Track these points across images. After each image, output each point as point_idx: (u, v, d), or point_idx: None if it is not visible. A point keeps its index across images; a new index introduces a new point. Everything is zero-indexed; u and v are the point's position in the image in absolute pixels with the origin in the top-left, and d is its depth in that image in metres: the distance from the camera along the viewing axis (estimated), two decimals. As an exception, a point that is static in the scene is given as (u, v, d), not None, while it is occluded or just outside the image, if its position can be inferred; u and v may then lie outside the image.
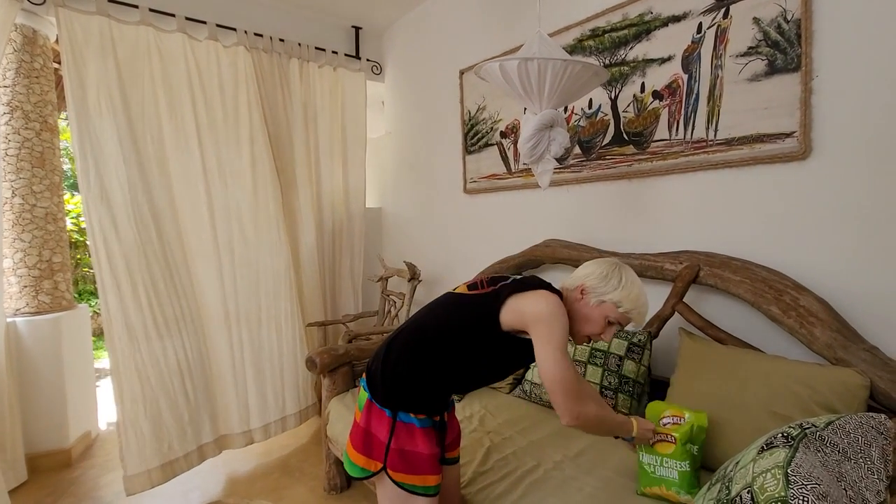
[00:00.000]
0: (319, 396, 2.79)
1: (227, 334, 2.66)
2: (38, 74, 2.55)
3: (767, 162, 1.64)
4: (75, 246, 5.49)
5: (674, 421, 1.39)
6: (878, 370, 1.30)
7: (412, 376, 1.24)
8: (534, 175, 1.87)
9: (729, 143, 1.73)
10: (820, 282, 1.53)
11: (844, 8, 1.46)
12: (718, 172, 1.78)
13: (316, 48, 3.12)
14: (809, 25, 1.52)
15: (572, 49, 2.20)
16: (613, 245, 2.11)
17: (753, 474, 0.85)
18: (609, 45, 2.08)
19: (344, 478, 2.25)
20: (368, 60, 3.46)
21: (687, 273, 1.76)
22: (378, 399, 1.26)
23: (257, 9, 2.98)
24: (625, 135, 2.06)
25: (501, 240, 2.67)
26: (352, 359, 2.28)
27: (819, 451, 0.86)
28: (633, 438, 1.34)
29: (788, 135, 1.58)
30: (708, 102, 1.78)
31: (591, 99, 2.17)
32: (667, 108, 1.90)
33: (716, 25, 1.74)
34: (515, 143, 2.56)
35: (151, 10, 2.49)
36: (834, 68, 1.49)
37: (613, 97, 2.09)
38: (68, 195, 5.53)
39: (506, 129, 2.62)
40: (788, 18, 1.56)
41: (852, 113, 1.46)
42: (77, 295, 5.64)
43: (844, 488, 0.81)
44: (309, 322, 3.05)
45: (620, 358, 1.81)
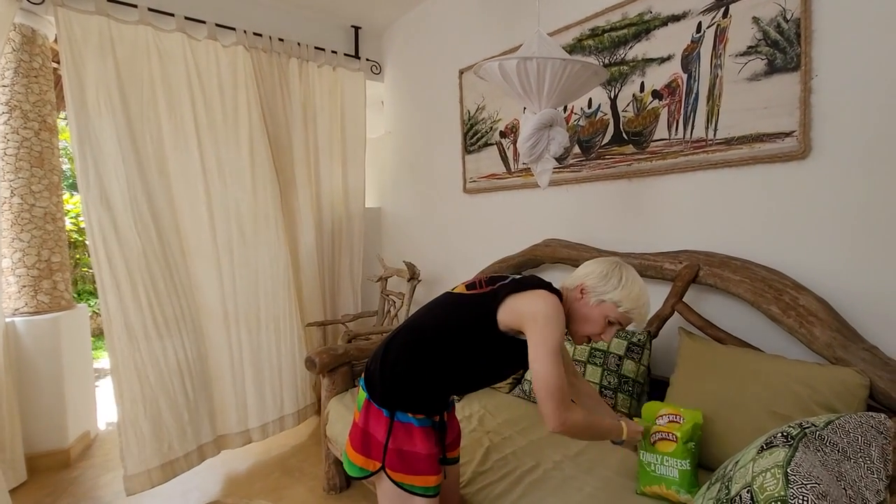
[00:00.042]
0: (319, 396, 2.79)
1: (226, 334, 2.66)
2: (37, 74, 2.55)
3: (767, 161, 1.64)
4: (74, 246, 5.48)
5: (670, 419, 1.39)
6: (878, 370, 1.30)
7: (410, 376, 1.24)
8: (533, 175, 1.86)
9: (728, 143, 1.73)
10: (819, 281, 1.53)
11: (844, 7, 1.46)
12: (718, 172, 1.78)
13: (315, 48, 3.12)
14: (809, 25, 1.52)
15: (572, 48, 2.20)
16: (613, 244, 2.11)
17: (753, 474, 0.85)
18: (608, 45, 2.08)
19: (343, 478, 2.25)
20: (368, 60, 3.46)
21: (686, 273, 1.76)
22: (376, 399, 1.26)
23: (257, 8, 2.98)
24: (624, 134, 2.06)
25: (501, 239, 2.67)
26: (351, 359, 2.28)
27: (819, 451, 0.86)
28: (623, 442, 1.33)
29: (788, 134, 1.58)
30: (707, 102, 1.78)
31: (591, 98, 2.17)
32: (666, 108, 1.90)
33: (715, 25, 1.74)
34: (515, 143, 2.56)
35: (150, 10, 2.49)
36: (833, 68, 1.49)
37: (613, 97, 2.09)
38: (67, 195, 5.52)
39: (505, 129, 2.62)
40: (788, 18, 1.56)
41: (852, 112, 1.46)
42: (76, 295, 5.64)
43: (844, 488, 0.81)
44: (308, 322, 3.05)
45: (620, 357, 1.81)
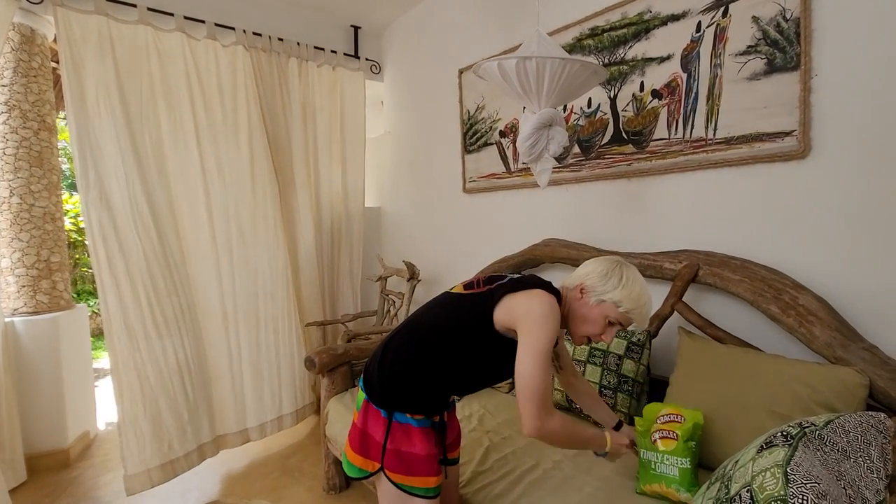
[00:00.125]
0: (318, 396, 2.79)
1: (225, 334, 2.66)
2: (37, 73, 2.54)
3: (766, 161, 1.64)
4: (74, 246, 5.48)
5: (671, 419, 1.39)
6: (878, 369, 1.30)
7: (408, 376, 1.23)
8: (533, 174, 1.86)
9: (728, 142, 1.73)
10: (819, 281, 1.53)
11: (844, 6, 1.46)
12: (717, 171, 1.78)
13: (315, 47, 3.12)
14: (808, 24, 1.52)
15: (571, 48, 2.20)
16: (613, 244, 2.11)
17: (753, 473, 0.85)
18: (608, 44, 2.08)
19: (343, 477, 2.25)
20: (367, 60, 3.46)
21: (686, 272, 1.76)
22: (374, 399, 1.25)
23: (256, 8, 2.98)
24: (624, 134, 2.05)
25: (501, 239, 2.67)
26: (351, 358, 2.28)
27: (818, 450, 0.86)
28: (606, 454, 1.30)
29: (787, 134, 1.58)
30: (707, 101, 1.78)
31: (590, 98, 2.17)
32: (666, 107, 1.90)
33: (715, 24, 1.74)
34: (514, 143, 2.56)
35: (150, 10, 2.49)
36: (833, 67, 1.49)
37: (612, 96, 2.09)
38: (66, 195, 5.52)
39: (505, 129, 2.62)
40: (787, 17, 1.56)
41: (851, 112, 1.46)
42: (76, 295, 5.63)
43: (844, 487, 0.81)
44: (308, 322, 3.05)
45: (619, 357, 1.81)
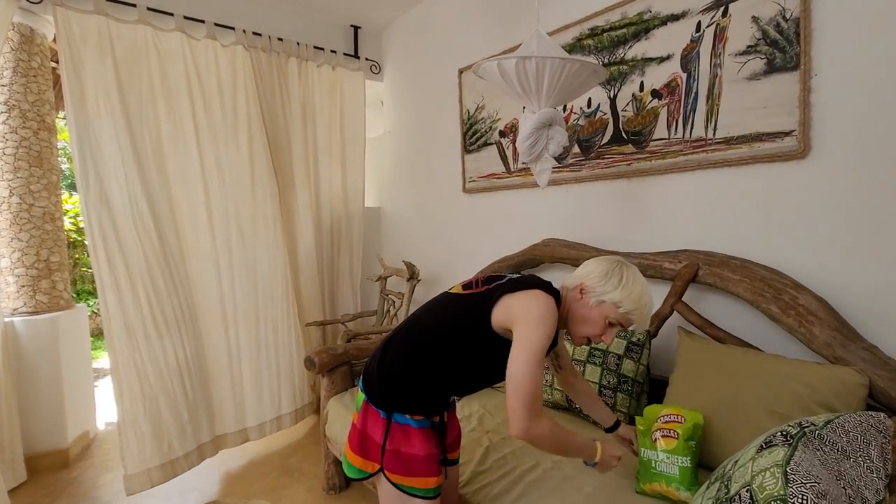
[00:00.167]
0: (318, 396, 2.79)
1: (225, 334, 2.66)
2: (36, 73, 2.54)
3: (766, 161, 1.64)
4: (73, 245, 5.48)
5: (671, 419, 1.39)
6: (878, 369, 1.30)
7: (407, 377, 1.23)
8: (533, 174, 1.86)
9: (728, 142, 1.73)
10: (819, 280, 1.53)
11: (844, 6, 1.46)
12: (717, 171, 1.78)
13: (315, 47, 3.12)
14: (808, 24, 1.52)
15: (571, 48, 2.20)
16: (612, 244, 2.11)
17: (752, 473, 0.84)
18: (608, 44, 2.08)
19: (342, 477, 2.24)
20: (367, 60, 3.46)
21: (686, 272, 1.76)
22: (373, 400, 1.25)
23: (256, 8, 2.98)
24: (624, 134, 2.05)
25: (500, 239, 2.67)
26: (350, 358, 2.28)
27: (818, 450, 0.86)
28: (596, 464, 1.25)
29: (787, 134, 1.58)
30: (707, 101, 1.78)
31: (590, 98, 2.17)
32: (666, 107, 1.90)
33: (715, 24, 1.74)
34: (514, 143, 2.56)
35: (149, 9, 2.48)
36: (833, 67, 1.49)
37: (612, 96, 2.09)
38: (66, 195, 5.52)
39: (505, 129, 2.62)
40: (787, 17, 1.56)
41: (851, 112, 1.46)
42: (75, 295, 5.63)
43: (843, 487, 0.81)
44: (308, 322, 3.05)
45: (619, 357, 1.81)
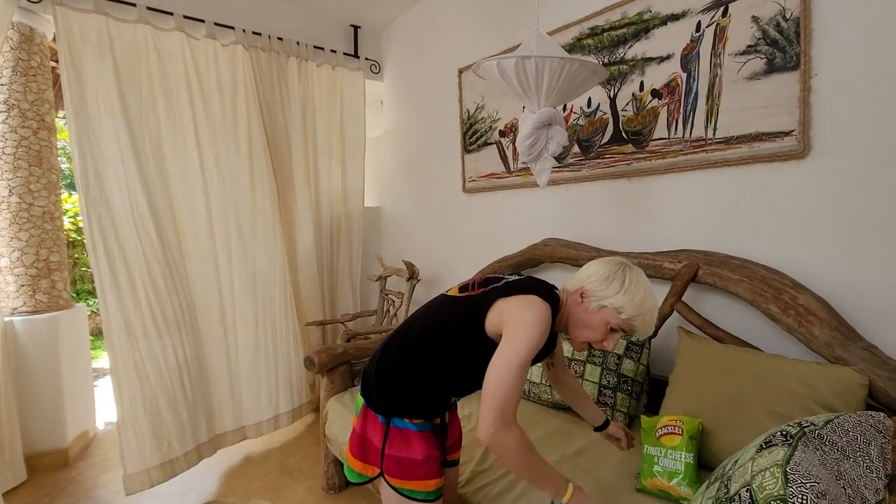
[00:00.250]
0: (318, 395, 2.79)
1: (223, 333, 2.66)
2: (36, 73, 2.54)
3: (766, 161, 1.64)
4: (73, 245, 5.47)
5: (670, 430, 1.40)
6: (877, 369, 1.30)
7: (405, 381, 1.22)
8: (532, 174, 1.86)
9: (728, 142, 1.73)
10: (819, 280, 1.53)
11: (843, 6, 1.46)
12: (717, 171, 1.78)
13: (314, 47, 3.12)
14: (808, 24, 1.52)
15: (571, 47, 2.20)
16: (612, 244, 2.11)
17: (752, 473, 0.84)
18: (608, 44, 2.08)
19: (342, 477, 2.24)
20: (367, 59, 3.46)
21: (686, 272, 1.76)
22: (372, 405, 1.24)
23: (256, 7, 2.97)
24: (624, 133, 2.05)
25: (500, 239, 2.66)
26: (350, 358, 2.28)
27: (818, 450, 0.86)
28: None
29: (787, 133, 1.58)
30: (707, 101, 1.78)
31: (590, 98, 2.17)
32: (666, 107, 1.90)
33: (715, 24, 1.74)
34: (514, 142, 2.56)
35: (149, 9, 2.48)
36: (833, 67, 1.49)
37: (612, 96, 2.08)
38: (65, 194, 5.51)
39: (505, 128, 2.62)
40: (787, 17, 1.56)
41: (851, 111, 1.46)
42: (75, 294, 5.63)
43: (843, 487, 0.81)
44: (307, 321, 3.05)
45: (619, 357, 1.81)
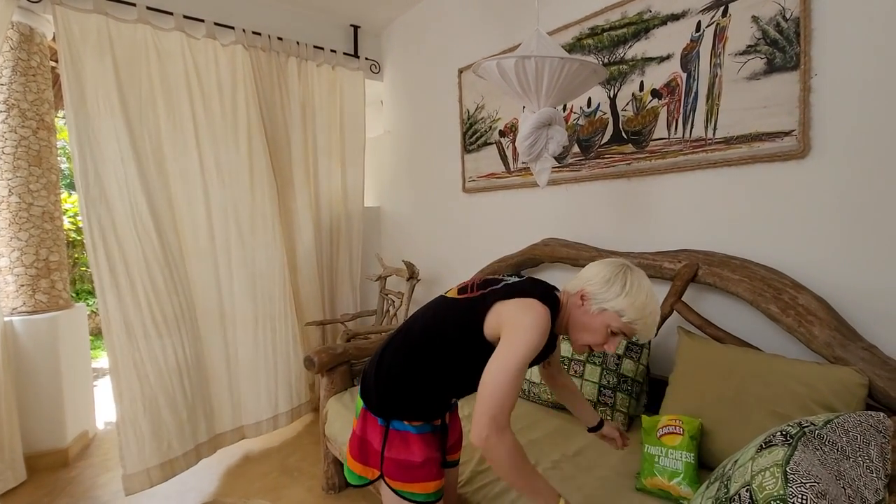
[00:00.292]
0: (318, 395, 2.78)
1: (222, 334, 2.66)
2: (35, 73, 2.54)
3: (766, 161, 1.64)
4: (73, 245, 5.47)
5: (670, 430, 1.40)
6: (877, 368, 1.30)
7: (404, 384, 1.21)
8: (532, 174, 1.86)
9: (728, 142, 1.73)
10: (818, 280, 1.53)
11: (843, 6, 1.46)
12: (717, 171, 1.78)
13: (314, 47, 3.11)
14: (808, 24, 1.52)
15: (571, 47, 2.20)
16: (612, 244, 2.11)
17: (752, 473, 0.84)
18: (608, 44, 2.08)
19: (342, 477, 2.24)
20: (367, 59, 3.46)
21: (686, 272, 1.76)
22: (371, 408, 1.24)
23: (256, 7, 2.97)
24: (623, 133, 2.05)
25: (500, 239, 2.66)
26: (350, 358, 2.28)
27: (818, 450, 0.86)
28: None
29: (787, 133, 1.58)
30: (707, 101, 1.78)
31: (590, 97, 2.17)
32: (666, 107, 1.90)
33: (714, 24, 1.74)
34: (514, 142, 2.56)
35: (149, 9, 2.48)
36: (833, 67, 1.49)
37: (612, 96, 2.08)
38: (65, 194, 5.51)
39: (505, 128, 2.62)
40: (787, 17, 1.56)
41: (851, 111, 1.46)
42: (75, 294, 5.62)
43: (843, 486, 0.81)
44: (307, 321, 3.04)
45: (619, 356, 1.81)
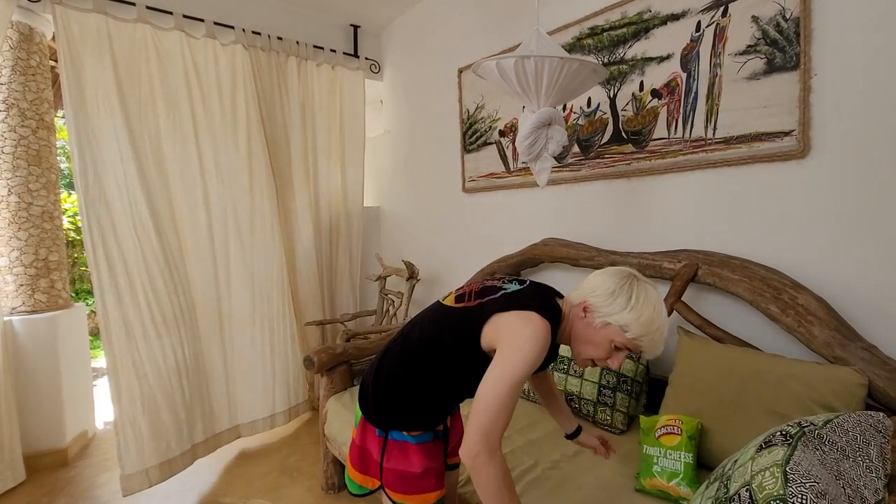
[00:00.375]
0: (317, 395, 2.78)
1: (221, 333, 2.66)
2: (35, 72, 2.54)
3: (766, 161, 1.64)
4: (72, 245, 5.46)
5: (669, 430, 1.40)
6: (877, 368, 1.30)
7: (402, 395, 1.18)
8: (532, 174, 1.86)
9: (727, 142, 1.73)
10: (818, 280, 1.53)
11: (843, 6, 1.46)
12: (717, 171, 1.78)
13: (314, 46, 3.11)
14: (808, 24, 1.52)
15: (571, 47, 2.20)
16: (612, 244, 2.11)
17: (752, 472, 0.84)
18: (608, 44, 2.08)
19: (342, 477, 2.24)
20: (367, 59, 3.45)
21: (685, 272, 1.76)
22: (369, 418, 1.22)
23: (255, 7, 2.97)
24: (623, 133, 2.05)
25: (500, 238, 2.66)
26: (350, 357, 2.28)
27: (818, 450, 0.86)
28: None
29: (787, 133, 1.58)
30: (707, 101, 1.78)
31: (590, 97, 2.17)
32: (665, 107, 1.90)
33: (714, 24, 1.74)
34: (514, 142, 2.56)
35: (149, 8, 2.48)
36: (833, 67, 1.49)
37: (612, 96, 2.08)
38: (64, 194, 5.51)
39: (504, 128, 2.61)
40: (787, 17, 1.56)
41: (851, 111, 1.46)
42: (74, 294, 5.62)
43: (843, 486, 0.81)
44: (307, 321, 3.04)
45: (619, 357, 1.81)
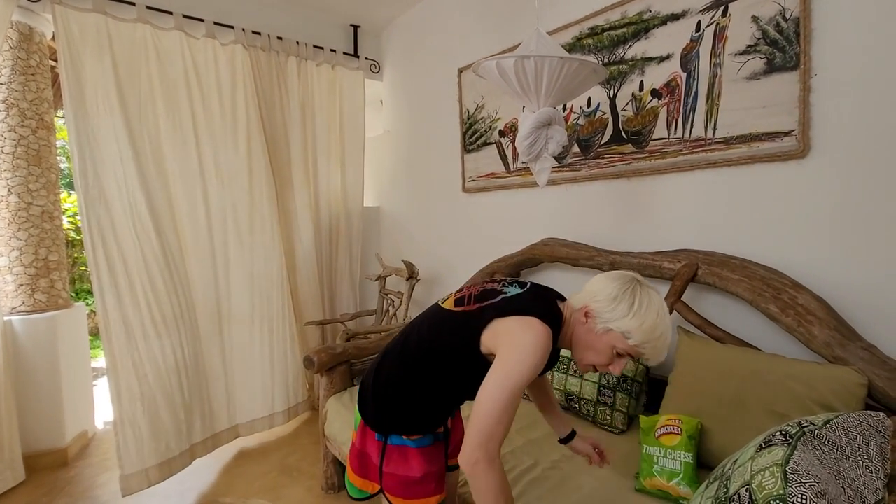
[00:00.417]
0: (317, 395, 2.78)
1: (221, 333, 2.66)
2: (35, 72, 2.53)
3: (766, 160, 1.64)
4: (72, 244, 5.46)
5: (669, 430, 1.40)
6: (876, 368, 1.30)
7: (401, 400, 1.17)
8: (532, 174, 1.86)
9: (727, 142, 1.73)
10: (818, 280, 1.53)
11: (843, 6, 1.46)
12: (717, 171, 1.78)
13: (314, 46, 3.11)
14: (808, 24, 1.52)
15: (571, 47, 2.20)
16: (612, 244, 2.11)
17: (752, 472, 0.84)
18: (608, 44, 2.08)
19: (341, 477, 2.24)
20: (367, 59, 3.45)
21: (685, 272, 1.76)
22: (369, 422, 1.21)
23: (255, 6, 2.97)
24: (623, 133, 2.05)
25: (500, 239, 2.66)
26: (350, 357, 2.28)
27: (817, 450, 0.86)
28: None
29: (787, 133, 1.58)
30: (706, 101, 1.78)
31: (590, 97, 2.17)
32: (665, 107, 1.90)
33: (714, 24, 1.74)
34: (514, 142, 2.56)
35: (149, 8, 2.48)
36: (833, 67, 1.49)
37: (612, 96, 2.08)
38: (64, 194, 5.50)
39: (504, 128, 2.61)
40: (787, 17, 1.56)
41: (851, 111, 1.46)
42: (74, 294, 5.62)
43: (843, 486, 0.81)
44: (307, 321, 3.04)
45: (619, 357, 1.81)
